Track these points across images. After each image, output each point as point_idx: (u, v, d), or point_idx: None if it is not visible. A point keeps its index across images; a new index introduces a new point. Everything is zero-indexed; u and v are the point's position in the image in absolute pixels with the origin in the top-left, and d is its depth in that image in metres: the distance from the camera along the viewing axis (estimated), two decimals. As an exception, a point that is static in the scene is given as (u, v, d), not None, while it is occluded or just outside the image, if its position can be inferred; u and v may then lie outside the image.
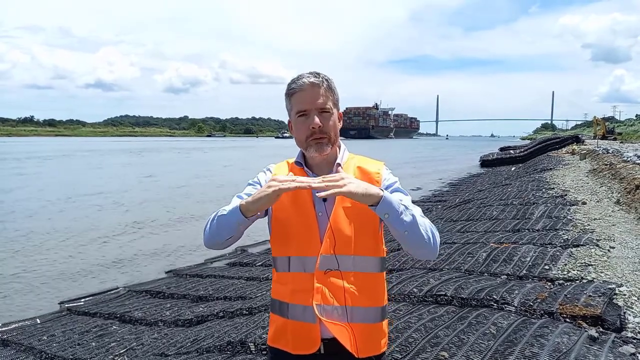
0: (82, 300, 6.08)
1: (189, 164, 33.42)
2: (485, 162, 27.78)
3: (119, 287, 6.58)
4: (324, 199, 1.29)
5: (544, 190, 9.99)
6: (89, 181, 20.40)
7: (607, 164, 12.71)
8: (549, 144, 29.49)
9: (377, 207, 1.16)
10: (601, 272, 3.92)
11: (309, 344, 1.30)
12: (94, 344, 4.33)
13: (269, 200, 1.17)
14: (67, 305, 5.87)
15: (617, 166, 11.55)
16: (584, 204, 7.78)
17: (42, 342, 4.50)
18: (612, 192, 8.86)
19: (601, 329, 2.72)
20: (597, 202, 8.03)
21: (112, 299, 6.04)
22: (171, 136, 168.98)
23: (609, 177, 10.75)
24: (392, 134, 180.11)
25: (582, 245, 4.81)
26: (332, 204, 1.31)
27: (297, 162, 1.42)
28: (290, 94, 1.36)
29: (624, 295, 3.36)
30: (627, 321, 2.90)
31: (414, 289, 3.69)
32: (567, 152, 23.48)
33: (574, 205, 7.62)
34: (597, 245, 4.82)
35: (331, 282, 1.29)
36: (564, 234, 5.44)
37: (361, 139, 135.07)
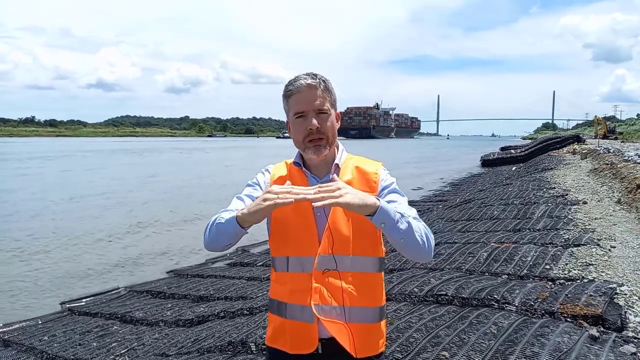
0: (83, 300, 6.09)
1: (191, 164, 33.43)
2: (486, 162, 27.78)
3: (119, 288, 6.59)
4: None
5: (544, 189, 9.98)
6: (91, 181, 20.42)
7: (608, 164, 12.70)
8: (549, 143, 29.46)
9: (373, 217, 1.16)
10: (602, 272, 3.92)
11: (306, 343, 1.30)
12: (95, 344, 4.34)
13: (265, 213, 1.18)
14: (68, 305, 5.88)
15: (618, 166, 11.53)
16: (585, 203, 7.77)
17: (43, 343, 4.50)
18: (613, 192, 8.85)
19: (602, 329, 2.71)
20: (598, 201, 8.02)
21: (113, 299, 6.05)
22: (172, 136, 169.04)
23: (610, 176, 10.74)
24: (393, 134, 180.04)
25: (583, 244, 4.81)
26: None
27: (295, 162, 1.42)
28: (287, 95, 1.36)
29: (625, 294, 3.35)
30: (628, 321, 2.90)
31: (415, 289, 3.69)
32: (568, 152, 23.43)
33: (574, 204, 7.61)
34: (598, 244, 4.81)
35: (329, 282, 1.29)
36: (564, 234, 5.43)
37: (362, 138, 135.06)
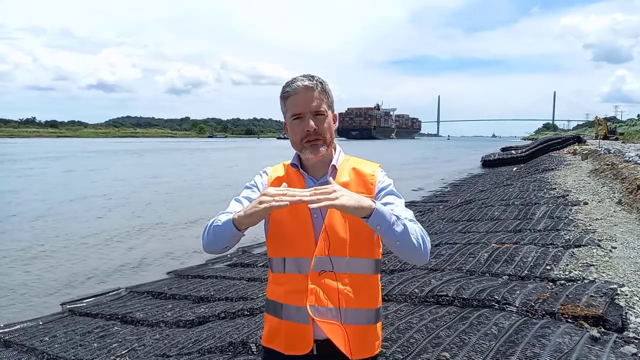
0: (84, 301, 6.08)
1: (193, 164, 33.45)
2: (486, 163, 27.79)
3: (120, 288, 6.58)
4: None
5: (545, 190, 9.97)
6: (93, 182, 20.44)
7: (608, 164, 12.69)
8: (550, 144, 29.46)
9: (369, 220, 1.16)
10: (603, 273, 3.91)
11: (301, 344, 1.30)
12: (95, 344, 4.34)
13: (261, 216, 1.18)
14: (68, 306, 5.88)
15: (619, 166, 11.52)
16: (586, 204, 7.77)
17: (44, 343, 4.50)
18: (614, 193, 8.84)
19: (603, 329, 2.71)
20: (599, 202, 8.01)
21: (114, 299, 6.05)
22: (173, 137, 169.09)
23: (611, 177, 10.73)
24: (393, 135, 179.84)
25: (583, 245, 4.80)
26: None
27: (292, 164, 1.43)
28: (284, 97, 1.36)
29: (626, 295, 3.35)
30: (628, 321, 2.90)
31: (416, 290, 3.69)
32: (569, 152, 23.42)
33: (575, 205, 7.60)
34: (599, 245, 4.81)
35: (325, 283, 1.29)
36: (565, 234, 5.42)
37: (363, 139, 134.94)
